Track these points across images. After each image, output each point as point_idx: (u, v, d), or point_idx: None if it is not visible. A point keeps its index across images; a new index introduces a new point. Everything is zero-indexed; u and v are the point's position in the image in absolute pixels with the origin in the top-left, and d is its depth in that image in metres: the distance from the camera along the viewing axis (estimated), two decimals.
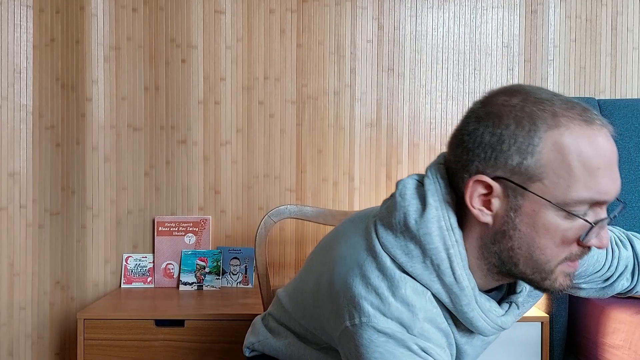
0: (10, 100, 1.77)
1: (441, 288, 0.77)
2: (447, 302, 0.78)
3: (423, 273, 0.77)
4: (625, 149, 2.09)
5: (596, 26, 2.24)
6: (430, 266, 0.76)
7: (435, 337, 0.77)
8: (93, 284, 2.16)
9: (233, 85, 2.19)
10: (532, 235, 0.72)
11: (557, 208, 0.70)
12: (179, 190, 2.20)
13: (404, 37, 2.22)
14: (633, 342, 1.56)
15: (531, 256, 0.74)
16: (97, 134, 2.16)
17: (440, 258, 0.76)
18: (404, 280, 0.76)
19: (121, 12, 2.16)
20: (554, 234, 0.72)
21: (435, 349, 0.76)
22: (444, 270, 0.76)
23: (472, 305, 0.77)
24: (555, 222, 0.71)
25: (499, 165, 0.72)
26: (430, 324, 0.76)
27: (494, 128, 0.72)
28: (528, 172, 0.70)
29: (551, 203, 0.70)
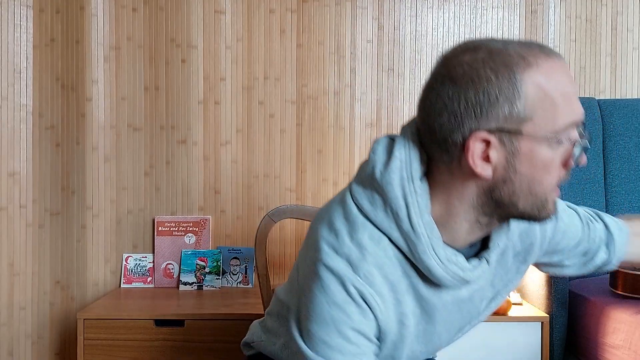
0: (10, 100, 1.77)
1: (399, 235, 0.80)
2: (406, 249, 0.81)
3: (384, 220, 0.80)
4: (625, 149, 2.09)
5: (596, 26, 2.24)
6: (390, 214, 0.80)
7: (379, 283, 0.79)
8: (93, 284, 2.16)
9: (233, 85, 2.19)
10: (532, 173, 0.76)
11: (550, 140, 0.75)
12: (179, 190, 2.20)
13: (404, 37, 2.22)
14: (633, 342, 1.56)
15: (530, 192, 0.77)
16: (97, 134, 2.16)
17: (399, 206, 0.79)
18: (364, 226, 0.81)
19: (121, 12, 2.16)
20: (550, 165, 0.76)
21: (375, 296, 0.79)
22: (402, 217, 0.79)
23: (429, 253, 0.79)
24: (550, 155, 0.75)
25: (492, 118, 0.74)
26: (378, 270, 0.79)
27: (476, 86, 0.74)
28: (519, 116, 0.74)
29: (545, 137, 0.74)
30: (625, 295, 1.70)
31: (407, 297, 0.83)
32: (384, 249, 0.81)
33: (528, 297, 1.98)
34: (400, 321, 0.83)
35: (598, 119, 2.11)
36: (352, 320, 0.79)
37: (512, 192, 0.77)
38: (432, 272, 0.81)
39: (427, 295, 0.84)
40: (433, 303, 0.85)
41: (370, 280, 0.79)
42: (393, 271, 0.81)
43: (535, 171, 0.76)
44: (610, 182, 2.08)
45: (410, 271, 0.82)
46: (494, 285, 0.92)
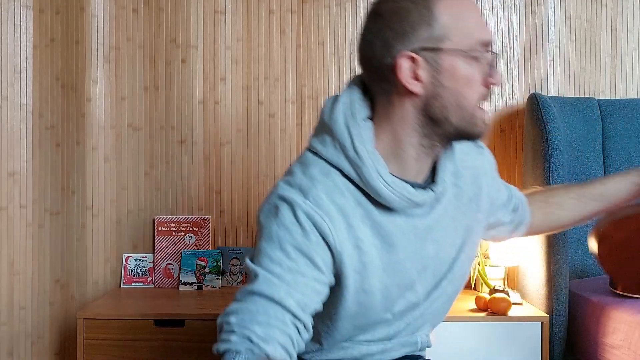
0: (10, 100, 1.76)
1: (348, 165, 0.91)
2: (355, 177, 0.91)
3: (333, 154, 0.92)
4: (625, 149, 2.09)
5: (596, 26, 2.24)
6: (338, 147, 0.91)
7: (327, 206, 0.89)
8: (93, 284, 2.16)
9: (233, 85, 2.19)
10: (456, 87, 0.88)
11: (467, 55, 0.87)
12: (179, 190, 2.20)
13: None
14: (633, 342, 1.56)
15: (458, 106, 0.89)
16: (97, 134, 2.16)
17: (344, 138, 0.91)
18: (315, 162, 0.93)
19: (121, 13, 2.16)
20: (470, 78, 0.88)
21: (324, 217, 0.88)
22: (348, 147, 0.90)
23: (374, 175, 0.89)
24: (469, 70, 0.88)
25: (414, 40, 0.87)
26: (326, 195, 0.89)
27: (400, 16, 0.88)
28: (438, 36, 0.87)
29: (463, 51, 0.87)
30: (625, 295, 1.70)
31: (363, 226, 0.91)
32: (333, 179, 0.91)
33: (528, 297, 1.98)
34: (357, 246, 0.90)
35: (598, 119, 2.11)
36: (294, 239, 0.87)
37: (443, 107, 0.89)
38: (380, 193, 0.90)
39: (382, 220, 0.92)
40: (389, 229, 0.93)
41: (319, 204, 0.88)
42: (344, 200, 0.90)
43: (458, 85, 0.88)
44: None
45: (362, 199, 0.92)
46: (457, 231, 1.01)
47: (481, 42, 0.88)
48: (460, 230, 1.01)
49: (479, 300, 1.89)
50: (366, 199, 0.92)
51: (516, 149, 2.22)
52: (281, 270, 0.86)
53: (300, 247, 0.87)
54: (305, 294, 0.86)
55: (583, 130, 2.07)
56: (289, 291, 0.85)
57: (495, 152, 2.24)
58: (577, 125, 2.06)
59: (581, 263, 2.02)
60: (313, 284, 0.87)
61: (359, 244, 0.91)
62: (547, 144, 1.85)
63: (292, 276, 0.86)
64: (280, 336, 0.83)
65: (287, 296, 0.84)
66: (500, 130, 2.23)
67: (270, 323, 0.83)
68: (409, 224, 0.94)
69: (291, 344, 0.85)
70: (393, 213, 0.93)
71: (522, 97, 2.22)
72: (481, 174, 1.05)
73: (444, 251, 1.00)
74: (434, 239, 0.98)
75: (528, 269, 1.99)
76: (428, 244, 0.97)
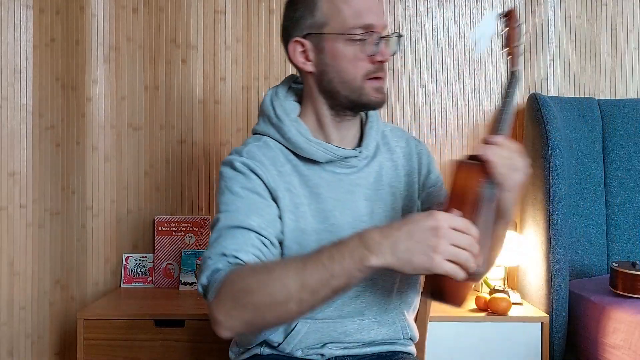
0: (10, 100, 1.76)
1: (274, 130, 1.11)
2: (280, 138, 1.10)
3: (264, 127, 1.13)
4: (625, 149, 2.09)
5: (596, 26, 2.24)
6: (266, 119, 1.13)
7: (258, 157, 1.07)
8: (93, 284, 2.16)
9: (233, 85, 2.19)
10: (338, 64, 1.05)
11: (344, 37, 1.03)
12: (179, 190, 2.20)
13: (404, 37, 2.22)
14: (633, 342, 1.56)
15: (342, 80, 1.06)
16: (97, 133, 2.16)
17: (269, 110, 1.13)
18: (253, 138, 1.14)
19: (121, 13, 2.16)
20: (351, 57, 1.04)
21: (257, 162, 1.06)
22: (272, 116, 1.12)
23: (294, 132, 1.08)
24: (349, 49, 1.04)
25: (303, 27, 1.06)
26: (257, 149, 1.09)
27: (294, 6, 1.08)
28: (320, 22, 1.05)
29: (340, 34, 1.03)
30: (625, 295, 1.70)
31: (292, 178, 1.08)
32: (264, 142, 1.11)
33: (528, 297, 1.98)
34: (288, 189, 1.06)
35: (598, 119, 2.11)
36: (239, 182, 1.04)
37: (330, 81, 1.07)
38: (301, 147, 1.07)
39: (308, 173, 1.09)
40: (315, 180, 1.08)
41: (252, 155, 1.07)
42: (273, 154, 1.09)
43: (339, 63, 1.05)
44: (610, 182, 2.08)
45: (290, 157, 1.10)
46: (396, 197, 1.14)
47: (360, 25, 1.03)
48: (399, 198, 1.15)
49: (479, 301, 1.89)
50: (294, 156, 1.10)
51: None
52: (236, 205, 1.01)
53: (246, 186, 1.04)
54: (263, 217, 1.01)
55: (583, 130, 2.07)
56: (247, 215, 0.99)
57: None
58: (577, 125, 2.06)
59: (581, 263, 2.02)
60: (267, 211, 1.02)
61: (290, 187, 1.07)
62: (547, 144, 1.85)
63: (247, 206, 1.01)
64: (250, 247, 0.96)
65: (246, 218, 0.99)
66: None
67: (238, 241, 0.96)
68: (334, 178, 1.10)
69: (262, 253, 0.97)
70: (318, 166, 1.09)
71: (522, 97, 2.22)
72: (414, 153, 1.20)
73: (381, 211, 1.12)
74: (368, 197, 1.11)
75: (528, 269, 2.00)
76: (360, 201, 1.10)
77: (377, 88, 1.07)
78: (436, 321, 1.79)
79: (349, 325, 1.10)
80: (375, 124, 1.17)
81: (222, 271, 0.92)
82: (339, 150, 1.09)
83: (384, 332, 1.13)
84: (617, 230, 2.06)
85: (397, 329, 1.15)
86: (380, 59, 1.05)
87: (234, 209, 1.00)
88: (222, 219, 1.00)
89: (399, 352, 1.16)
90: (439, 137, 2.23)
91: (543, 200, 1.87)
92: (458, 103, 2.23)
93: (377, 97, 1.07)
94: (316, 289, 0.84)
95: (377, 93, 1.07)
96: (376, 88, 1.07)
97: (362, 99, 1.06)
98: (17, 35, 1.78)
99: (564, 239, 1.83)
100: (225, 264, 0.94)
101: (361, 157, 1.12)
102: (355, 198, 1.10)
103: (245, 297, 0.87)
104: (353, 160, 1.11)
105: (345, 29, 1.03)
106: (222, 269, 0.93)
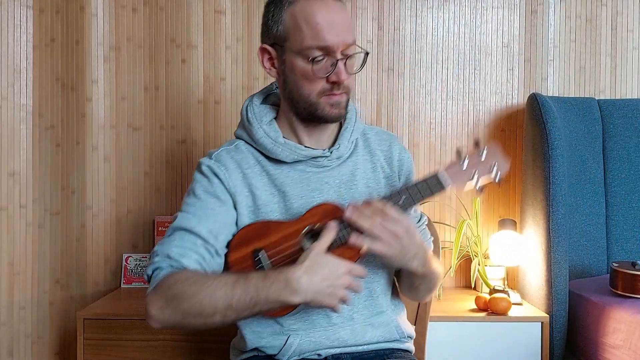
0: (10, 100, 1.76)
1: (246, 134, 1.17)
2: (249, 140, 1.16)
3: (240, 131, 1.19)
4: (625, 149, 2.09)
5: (596, 26, 2.24)
6: (242, 125, 1.19)
7: (225, 161, 1.14)
8: (93, 284, 2.16)
9: (233, 85, 2.19)
10: (295, 79, 1.09)
11: (300, 56, 1.06)
12: (179, 190, 2.20)
13: (404, 37, 2.22)
14: (633, 342, 1.56)
15: (299, 94, 1.09)
16: (97, 133, 2.16)
17: (243, 115, 1.19)
18: (228, 142, 1.20)
19: (121, 12, 2.16)
20: (306, 74, 1.07)
21: (221, 167, 1.12)
22: (244, 120, 1.18)
23: (260, 134, 1.14)
24: (302, 66, 1.07)
25: (270, 36, 1.10)
26: (226, 153, 1.15)
27: (267, 15, 1.11)
28: (282, 36, 1.08)
29: (297, 52, 1.06)
30: (625, 295, 1.70)
31: (259, 177, 1.13)
32: (236, 145, 1.18)
33: (528, 297, 1.98)
34: (251, 191, 1.12)
35: (598, 119, 2.11)
36: (202, 185, 1.12)
37: (290, 92, 1.11)
38: (267, 148, 1.13)
39: (275, 172, 1.14)
40: (281, 179, 1.13)
41: (219, 159, 1.14)
42: (242, 156, 1.15)
43: (296, 78, 1.08)
44: (610, 183, 2.08)
45: (260, 158, 1.15)
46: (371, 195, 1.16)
47: (317, 46, 1.05)
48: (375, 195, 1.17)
49: (479, 300, 1.89)
50: (263, 157, 1.15)
51: (516, 149, 2.22)
52: (194, 208, 1.10)
53: (206, 189, 1.11)
54: (216, 224, 1.08)
55: (583, 130, 2.07)
56: (199, 221, 1.07)
57: None
58: (577, 125, 2.06)
59: (581, 263, 2.02)
60: (222, 217, 1.09)
61: (253, 189, 1.12)
62: (547, 144, 1.85)
63: (203, 211, 1.09)
64: (193, 254, 1.05)
65: (197, 225, 1.07)
66: (500, 130, 2.23)
67: (184, 246, 1.05)
68: (302, 176, 1.14)
69: (204, 261, 1.06)
70: (287, 166, 1.14)
71: (522, 97, 2.22)
72: (396, 159, 1.22)
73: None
74: (340, 195, 1.15)
75: (528, 269, 1.99)
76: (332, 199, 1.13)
77: (332, 104, 1.09)
78: (436, 321, 1.79)
79: (341, 332, 1.13)
80: (351, 126, 1.20)
81: (164, 271, 1.03)
82: (305, 151, 1.13)
83: (379, 334, 1.16)
84: (617, 230, 2.06)
85: (391, 329, 1.18)
86: (334, 79, 1.06)
87: (192, 212, 1.09)
88: (179, 218, 1.09)
89: (396, 349, 1.17)
90: (439, 137, 2.23)
91: (543, 200, 1.87)
92: (458, 103, 2.23)
93: (332, 112, 1.09)
94: (241, 310, 0.97)
95: (332, 108, 1.09)
96: (331, 104, 1.09)
97: (318, 113, 1.10)
98: (17, 35, 1.78)
99: (564, 239, 1.83)
100: (167, 265, 1.04)
101: (332, 157, 1.15)
102: (324, 195, 1.14)
103: (177, 302, 0.99)
104: (323, 160, 1.15)
105: (303, 48, 1.05)
106: (164, 268, 1.04)
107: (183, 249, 1.05)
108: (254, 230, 1.10)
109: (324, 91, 1.08)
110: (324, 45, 1.05)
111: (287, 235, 1.08)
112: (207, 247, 1.07)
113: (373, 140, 1.23)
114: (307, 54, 1.05)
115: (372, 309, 1.17)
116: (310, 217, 1.09)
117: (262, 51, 1.13)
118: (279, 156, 1.13)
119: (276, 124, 1.16)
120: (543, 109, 1.90)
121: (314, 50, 1.05)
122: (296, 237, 1.08)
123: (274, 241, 1.08)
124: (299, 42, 1.05)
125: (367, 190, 1.17)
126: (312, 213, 1.09)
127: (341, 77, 1.06)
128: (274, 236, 1.08)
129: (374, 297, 1.17)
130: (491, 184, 1.11)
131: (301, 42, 1.05)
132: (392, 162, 1.22)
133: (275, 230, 1.08)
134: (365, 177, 1.18)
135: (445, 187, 1.07)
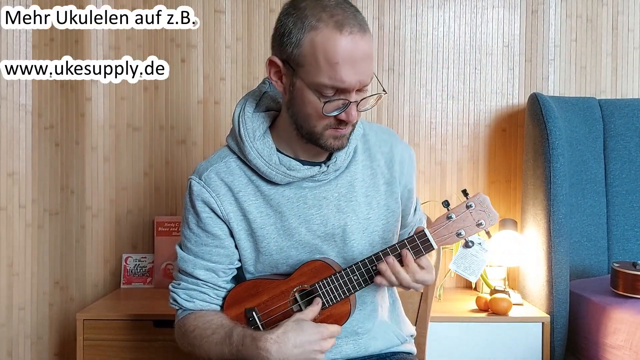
0: (10, 100, 1.76)
1: (237, 147, 1.11)
2: (241, 155, 1.11)
3: (231, 141, 1.13)
4: (626, 149, 2.08)
5: (597, 26, 2.24)
6: (234, 137, 1.12)
7: (215, 184, 1.10)
8: (92, 284, 2.15)
9: (233, 85, 2.19)
10: (301, 107, 1.02)
11: (312, 89, 0.99)
12: (178, 190, 2.19)
13: (404, 37, 2.21)
14: (634, 343, 1.56)
15: (304, 121, 1.04)
16: (96, 133, 2.15)
17: (235, 126, 1.12)
18: (218, 155, 1.15)
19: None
20: (313, 108, 1.01)
21: (212, 193, 1.10)
22: (236, 133, 1.11)
23: (253, 155, 1.08)
24: (313, 100, 1.00)
25: (282, 51, 1.01)
26: (216, 175, 1.11)
27: (283, 26, 1.01)
28: (297, 59, 0.99)
29: (309, 85, 0.99)
30: (626, 296, 1.69)
31: (253, 199, 1.10)
32: (226, 163, 1.12)
33: (529, 297, 1.98)
34: (244, 216, 1.10)
35: (599, 119, 2.10)
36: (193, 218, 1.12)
37: (295, 114, 1.04)
38: (260, 170, 1.09)
39: (270, 193, 1.10)
40: (277, 200, 1.10)
41: (208, 182, 1.10)
42: (233, 178, 1.11)
43: (303, 107, 1.02)
44: (611, 182, 2.08)
45: (254, 177, 1.11)
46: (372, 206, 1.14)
47: (332, 86, 0.98)
48: (375, 207, 1.15)
49: (479, 301, 1.88)
50: (257, 176, 1.11)
51: (517, 149, 2.22)
52: (190, 245, 1.14)
53: (199, 225, 1.12)
54: (213, 260, 1.12)
55: (584, 130, 2.07)
56: (195, 264, 1.13)
57: (496, 151, 2.24)
58: (578, 125, 2.06)
59: (582, 263, 2.01)
60: (217, 250, 1.12)
61: (246, 214, 1.10)
62: (548, 143, 1.85)
63: (198, 248, 1.13)
64: (198, 295, 1.14)
65: (194, 269, 1.13)
66: (501, 129, 2.23)
67: (189, 288, 1.15)
68: (299, 194, 1.11)
69: (210, 298, 1.14)
70: (281, 186, 1.11)
71: (522, 96, 2.22)
72: (397, 161, 1.18)
73: (354, 222, 1.12)
74: (340, 209, 1.12)
75: (529, 270, 1.99)
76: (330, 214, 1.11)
77: (336, 137, 1.05)
78: (436, 321, 1.78)
79: (344, 347, 1.14)
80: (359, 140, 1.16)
81: (180, 313, 1.18)
82: (300, 172, 1.09)
83: (381, 345, 1.17)
84: (618, 230, 2.05)
85: (392, 337, 1.18)
86: (344, 119, 1.01)
87: (188, 249, 1.16)
88: (179, 259, 1.18)
89: (398, 352, 1.17)
90: (439, 137, 2.22)
91: (544, 200, 1.86)
92: (458, 103, 2.22)
93: (335, 144, 1.05)
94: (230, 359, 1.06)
95: (335, 141, 1.05)
96: (335, 137, 1.05)
97: (320, 142, 1.05)
98: (16, 35, 1.78)
99: (565, 239, 1.82)
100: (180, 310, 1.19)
101: (329, 170, 1.11)
102: (324, 212, 1.11)
103: (188, 346, 1.17)
104: (319, 175, 1.11)
105: (317, 84, 0.98)
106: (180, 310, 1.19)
107: (189, 295, 1.16)
108: (245, 290, 1.12)
109: (330, 125, 1.03)
110: (340, 87, 0.98)
111: (277, 295, 1.09)
112: (209, 285, 1.14)
113: (373, 142, 1.18)
114: (320, 91, 0.99)
115: (375, 320, 1.17)
116: (299, 276, 1.08)
117: (270, 63, 1.04)
118: (272, 179, 1.09)
119: (270, 137, 1.10)
120: (544, 108, 1.89)
121: (328, 89, 0.98)
122: (286, 297, 1.09)
123: (265, 301, 1.10)
124: (313, 76, 0.98)
125: (367, 200, 1.14)
126: (301, 272, 1.08)
127: (350, 117, 1.01)
128: (264, 296, 1.10)
129: (377, 311, 1.17)
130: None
131: (316, 76, 0.98)
132: (392, 166, 1.17)
133: (266, 290, 1.10)
134: (364, 185, 1.14)
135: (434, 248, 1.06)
